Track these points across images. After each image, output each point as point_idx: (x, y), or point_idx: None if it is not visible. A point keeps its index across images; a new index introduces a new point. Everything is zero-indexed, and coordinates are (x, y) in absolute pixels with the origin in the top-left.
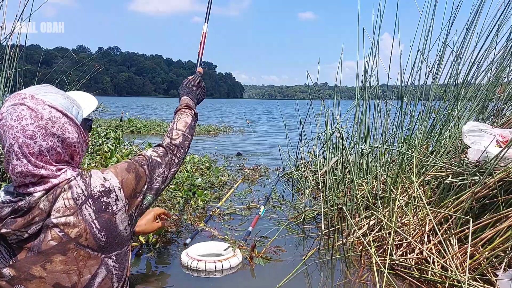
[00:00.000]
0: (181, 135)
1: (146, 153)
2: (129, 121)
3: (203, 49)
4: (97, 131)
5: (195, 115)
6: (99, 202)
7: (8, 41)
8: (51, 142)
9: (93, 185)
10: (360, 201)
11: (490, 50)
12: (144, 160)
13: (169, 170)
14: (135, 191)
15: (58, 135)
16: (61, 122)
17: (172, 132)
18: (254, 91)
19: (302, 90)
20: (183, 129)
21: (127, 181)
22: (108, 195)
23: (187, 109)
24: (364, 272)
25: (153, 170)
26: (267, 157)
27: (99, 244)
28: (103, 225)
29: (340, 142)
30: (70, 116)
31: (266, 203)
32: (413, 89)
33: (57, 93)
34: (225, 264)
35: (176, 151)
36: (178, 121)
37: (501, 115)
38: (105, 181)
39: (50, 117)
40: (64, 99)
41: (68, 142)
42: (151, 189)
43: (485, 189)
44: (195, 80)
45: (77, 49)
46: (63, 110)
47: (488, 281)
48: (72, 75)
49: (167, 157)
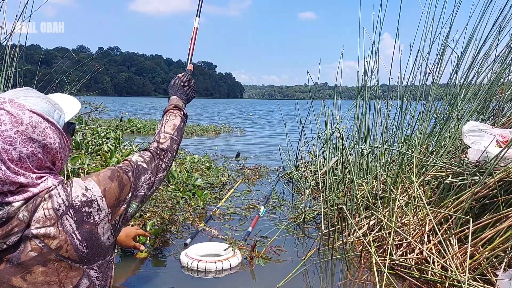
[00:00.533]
0: (169, 139)
1: (131, 159)
2: (129, 121)
3: (194, 45)
4: (97, 131)
5: (184, 116)
6: (80, 212)
7: (8, 41)
8: (32, 148)
9: (75, 194)
10: (360, 201)
11: (491, 50)
12: (129, 166)
13: (155, 176)
14: (119, 200)
15: (38, 141)
16: (42, 127)
17: (159, 135)
18: (254, 91)
19: (302, 90)
20: (171, 132)
21: (110, 190)
22: (90, 205)
23: (176, 110)
24: (364, 272)
25: (138, 177)
26: (267, 157)
27: (80, 255)
28: (84, 236)
29: (340, 142)
30: (51, 121)
31: (266, 203)
32: (413, 89)
33: (38, 97)
34: (226, 264)
35: (163, 155)
36: (166, 124)
37: (501, 115)
38: (87, 191)
39: (30, 122)
40: (45, 103)
41: (49, 148)
42: (136, 196)
43: (485, 189)
44: (185, 78)
45: (77, 49)
46: (44, 115)
47: (488, 281)
48: (72, 75)
49: (154, 162)
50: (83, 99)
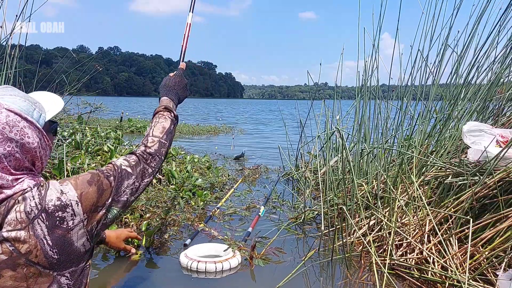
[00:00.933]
0: (157, 142)
1: (115, 162)
2: (129, 121)
3: (187, 42)
4: (97, 131)
5: (174, 118)
6: (53, 217)
7: (8, 41)
8: (9, 147)
9: (49, 198)
10: (360, 201)
11: (491, 50)
12: (111, 170)
13: (140, 181)
14: (96, 205)
15: (16, 140)
16: (19, 127)
17: (147, 138)
18: (254, 91)
19: (302, 90)
20: (159, 135)
21: (87, 195)
22: (63, 210)
23: (166, 112)
24: (364, 273)
25: (121, 182)
26: (267, 157)
27: (51, 261)
28: (55, 242)
29: (340, 142)
30: (30, 120)
31: (266, 203)
32: (413, 89)
33: (17, 96)
34: (225, 265)
35: (150, 160)
36: (155, 126)
37: (501, 115)
38: (62, 194)
39: (7, 121)
40: (24, 101)
41: (27, 147)
42: (117, 202)
43: (485, 189)
44: (176, 78)
45: (77, 49)
46: (22, 114)
47: (488, 281)
48: (72, 75)
49: (139, 167)
50: (83, 99)
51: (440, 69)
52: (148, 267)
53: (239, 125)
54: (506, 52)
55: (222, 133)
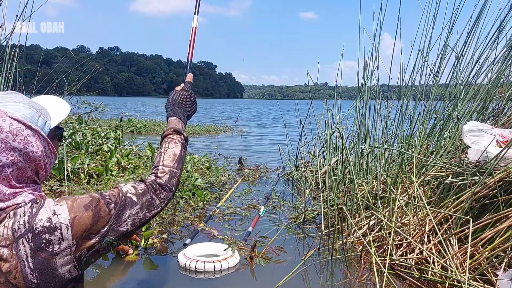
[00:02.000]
0: (168, 172)
1: (122, 188)
2: (129, 121)
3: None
4: (97, 131)
5: (185, 140)
6: (39, 238)
7: (8, 41)
8: (12, 157)
9: (39, 217)
10: (360, 201)
11: (491, 50)
12: (114, 196)
13: (146, 212)
14: (89, 231)
15: (19, 149)
16: (23, 135)
17: (158, 168)
18: (254, 91)
19: (302, 90)
20: (170, 164)
21: (80, 220)
22: (51, 232)
23: (176, 135)
24: (364, 272)
25: (122, 210)
26: (267, 157)
27: (29, 285)
28: (37, 266)
29: (340, 142)
30: (34, 128)
31: (266, 203)
32: (414, 89)
33: (21, 102)
34: (224, 264)
35: (159, 191)
36: (165, 154)
37: (502, 115)
38: (54, 215)
39: (11, 129)
40: (28, 109)
41: (31, 157)
42: (115, 231)
43: (485, 189)
44: (184, 93)
45: (77, 49)
46: (26, 122)
47: (488, 281)
48: (72, 75)
49: (146, 197)
50: (83, 99)
51: (440, 69)
52: (147, 267)
53: (239, 125)
54: (506, 53)
55: (222, 133)
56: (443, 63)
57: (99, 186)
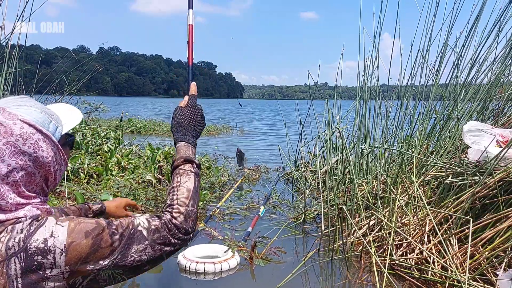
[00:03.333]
0: (184, 213)
1: (134, 220)
2: (129, 121)
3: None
4: (97, 131)
5: (197, 168)
6: (31, 259)
7: (8, 41)
8: (21, 161)
9: (35, 237)
10: (360, 201)
11: (491, 50)
12: (122, 227)
13: (157, 249)
14: (85, 260)
15: (29, 154)
16: (34, 139)
17: (172, 207)
18: (254, 91)
19: (302, 90)
20: (185, 201)
21: (77, 246)
22: (44, 255)
23: (187, 165)
24: (364, 273)
25: (129, 245)
26: (267, 157)
27: None
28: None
29: (340, 142)
30: (45, 133)
31: (266, 203)
32: (414, 89)
33: (33, 107)
34: (224, 266)
35: (174, 231)
36: (179, 190)
37: (502, 115)
38: (50, 237)
39: (21, 133)
40: (40, 113)
41: (41, 162)
42: (119, 266)
43: (485, 189)
44: (189, 111)
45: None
46: (37, 126)
47: (488, 281)
48: (72, 75)
49: (158, 234)
50: (83, 99)
51: (440, 69)
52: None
53: (239, 125)
54: (506, 52)
55: (222, 133)
56: (443, 63)
57: (99, 186)
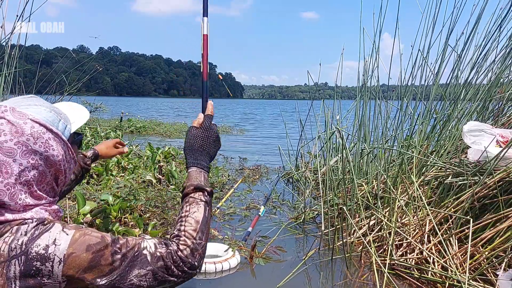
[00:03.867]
0: (191, 245)
1: (142, 242)
2: (129, 121)
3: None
4: (97, 131)
5: (209, 196)
6: (30, 264)
7: (8, 41)
8: (33, 160)
9: (38, 242)
10: (360, 201)
11: (491, 50)
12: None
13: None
14: (82, 274)
15: (40, 153)
16: (44, 138)
17: (179, 238)
18: (254, 91)
19: (302, 90)
20: (193, 234)
21: (76, 258)
22: (43, 262)
23: (198, 193)
24: (364, 272)
25: (131, 267)
26: (267, 157)
27: None
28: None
29: (340, 142)
30: (55, 132)
31: (266, 203)
32: (414, 89)
33: (42, 106)
34: (225, 265)
35: (180, 263)
36: (186, 220)
37: (502, 115)
38: (52, 244)
39: (32, 132)
40: (49, 112)
41: (52, 160)
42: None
43: (485, 189)
44: (203, 133)
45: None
46: (47, 125)
47: (488, 281)
48: (72, 75)
49: (162, 263)
50: (83, 99)
51: (440, 69)
52: None
53: (239, 125)
54: (506, 53)
55: (222, 133)
56: (443, 63)
57: (99, 186)
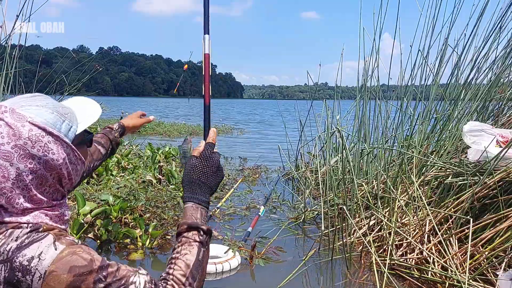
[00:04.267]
0: None
1: (133, 276)
2: None
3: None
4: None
5: (205, 235)
6: (13, 273)
7: (8, 41)
8: (31, 164)
9: (25, 251)
10: (360, 201)
11: (491, 50)
12: (114, 277)
13: None
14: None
15: (39, 157)
16: (43, 142)
17: (167, 282)
18: (254, 91)
19: (302, 90)
20: (182, 279)
21: (56, 278)
22: (24, 274)
23: (191, 232)
24: (364, 272)
25: None
26: (267, 157)
27: None
28: None
29: (340, 142)
30: (56, 134)
31: (266, 203)
32: (414, 89)
33: (44, 106)
34: (225, 266)
35: None
36: (177, 263)
37: (502, 115)
38: (37, 258)
39: (29, 136)
40: (51, 113)
41: (51, 164)
42: None
43: (485, 189)
44: (202, 162)
45: (77, 49)
46: (46, 128)
47: (488, 281)
48: (72, 75)
49: None
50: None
51: (440, 69)
52: (150, 267)
53: (240, 125)
54: (506, 53)
55: (222, 134)
56: (443, 63)
57: (99, 186)
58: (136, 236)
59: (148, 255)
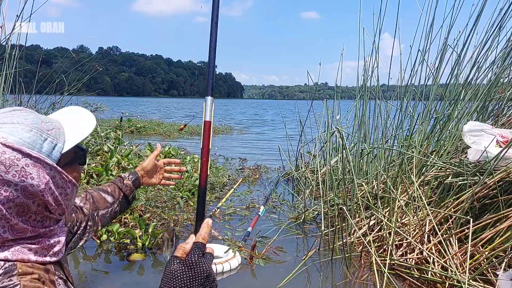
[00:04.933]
0: None
1: None
2: (129, 121)
3: (208, 155)
4: (97, 131)
5: None
6: None
7: (8, 41)
8: (6, 192)
9: None
10: (360, 201)
11: (491, 50)
12: None
13: None
14: None
15: (15, 183)
16: (19, 166)
17: None
18: (254, 91)
19: (302, 90)
20: None
21: None
22: None
23: None
24: (364, 272)
25: None
26: (267, 157)
27: None
28: None
29: (340, 142)
30: (34, 156)
31: (266, 203)
32: (413, 89)
33: (21, 124)
34: (226, 266)
35: None
36: None
37: (502, 115)
38: None
39: (2, 159)
40: (28, 131)
41: (31, 191)
42: None
43: (485, 189)
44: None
45: (77, 49)
46: (23, 149)
47: (488, 281)
48: (72, 75)
49: None
50: (83, 99)
51: (440, 69)
52: (147, 269)
53: (239, 125)
54: (506, 53)
55: (222, 133)
56: (443, 63)
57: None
58: (136, 236)
59: (148, 255)
